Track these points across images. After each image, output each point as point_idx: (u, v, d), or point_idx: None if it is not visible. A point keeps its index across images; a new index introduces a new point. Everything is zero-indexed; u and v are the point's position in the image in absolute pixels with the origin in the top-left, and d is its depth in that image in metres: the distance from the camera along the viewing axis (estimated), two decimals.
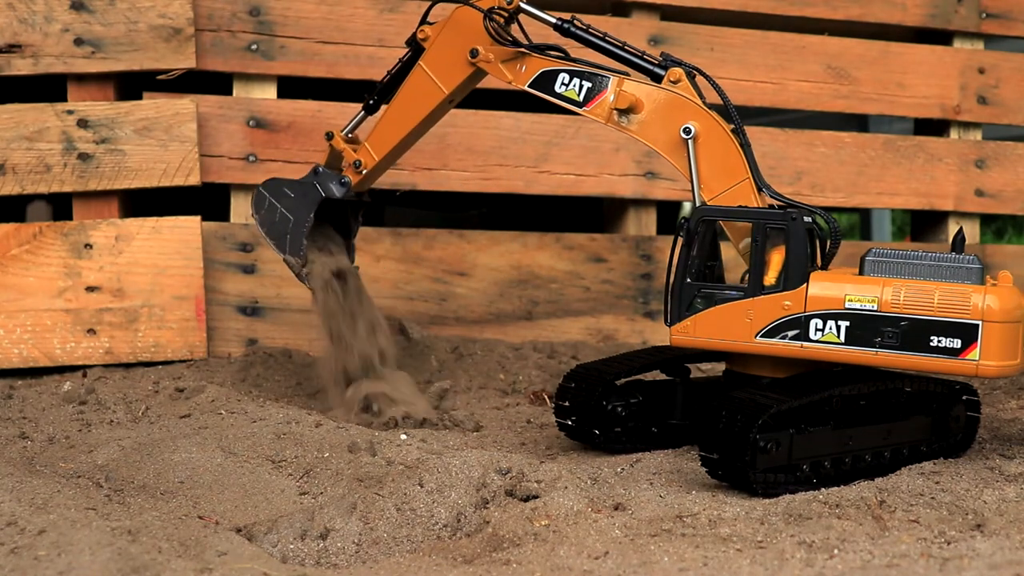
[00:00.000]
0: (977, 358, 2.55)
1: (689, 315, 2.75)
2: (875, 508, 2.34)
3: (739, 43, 4.27)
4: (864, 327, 2.62)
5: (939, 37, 4.53)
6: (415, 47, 3.12)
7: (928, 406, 2.85)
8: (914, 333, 2.59)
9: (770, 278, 2.70)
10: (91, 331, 3.66)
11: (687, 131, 2.82)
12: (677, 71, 2.87)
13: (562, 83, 2.95)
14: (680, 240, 2.78)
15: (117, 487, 2.58)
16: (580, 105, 2.94)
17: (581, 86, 2.94)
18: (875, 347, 2.62)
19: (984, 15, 4.51)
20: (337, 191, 3.20)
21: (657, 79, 2.89)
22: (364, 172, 3.18)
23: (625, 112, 2.89)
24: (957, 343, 2.57)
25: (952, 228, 4.49)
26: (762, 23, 4.34)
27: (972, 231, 4.53)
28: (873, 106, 4.43)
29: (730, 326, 2.71)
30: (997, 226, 7.38)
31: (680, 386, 2.97)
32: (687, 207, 7.63)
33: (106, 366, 3.67)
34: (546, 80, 2.97)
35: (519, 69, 2.98)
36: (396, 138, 3.16)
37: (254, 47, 3.83)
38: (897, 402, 2.79)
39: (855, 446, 2.69)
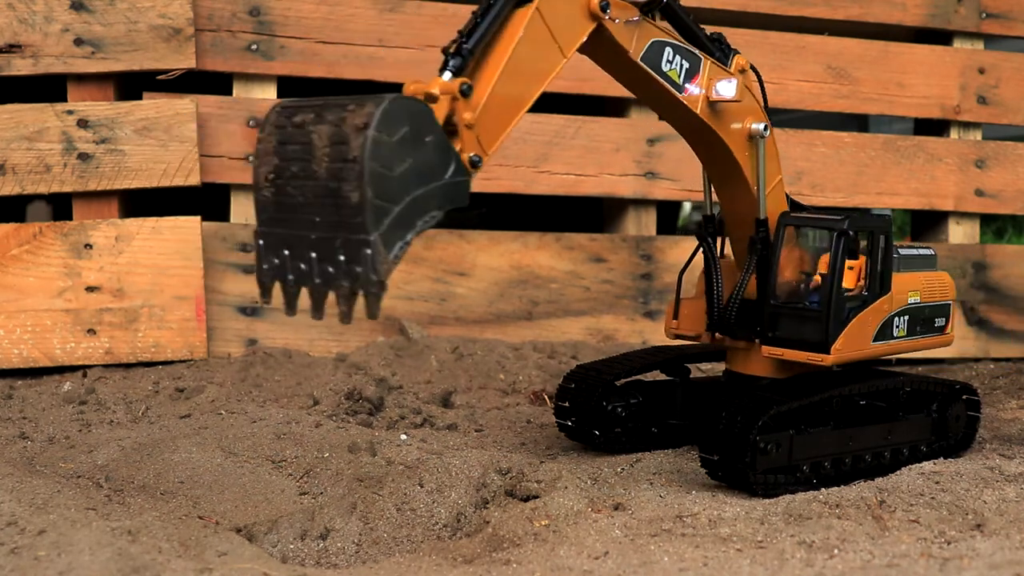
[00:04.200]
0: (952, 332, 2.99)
1: (841, 330, 2.66)
2: (875, 508, 2.34)
3: (739, 43, 4.23)
4: (915, 318, 2.84)
5: (939, 37, 4.53)
6: None
7: (928, 406, 2.85)
8: (930, 318, 2.89)
9: (851, 282, 2.69)
10: (91, 331, 3.66)
11: (766, 128, 2.64)
12: (743, 60, 2.62)
13: (667, 59, 2.48)
14: (704, 247, 2.81)
15: (117, 487, 2.58)
16: (679, 89, 2.52)
17: (681, 65, 2.51)
18: (916, 335, 2.86)
19: (984, 15, 4.51)
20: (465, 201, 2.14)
21: (723, 64, 2.63)
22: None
23: (714, 102, 2.55)
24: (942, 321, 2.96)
25: (952, 228, 4.49)
26: (762, 23, 4.33)
27: (972, 231, 4.53)
28: (873, 106, 4.43)
29: (863, 335, 2.73)
30: (997, 226, 7.38)
31: (680, 386, 2.97)
32: (687, 207, 7.62)
33: (106, 366, 3.66)
34: (655, 52, 2.47)
35: (634, 36, 2.43)
36: (510, 122, 2.24)
37: (254, 47, 3.83)
38: (897, 402, 2.79)
39: (855, 446, 2.69)
